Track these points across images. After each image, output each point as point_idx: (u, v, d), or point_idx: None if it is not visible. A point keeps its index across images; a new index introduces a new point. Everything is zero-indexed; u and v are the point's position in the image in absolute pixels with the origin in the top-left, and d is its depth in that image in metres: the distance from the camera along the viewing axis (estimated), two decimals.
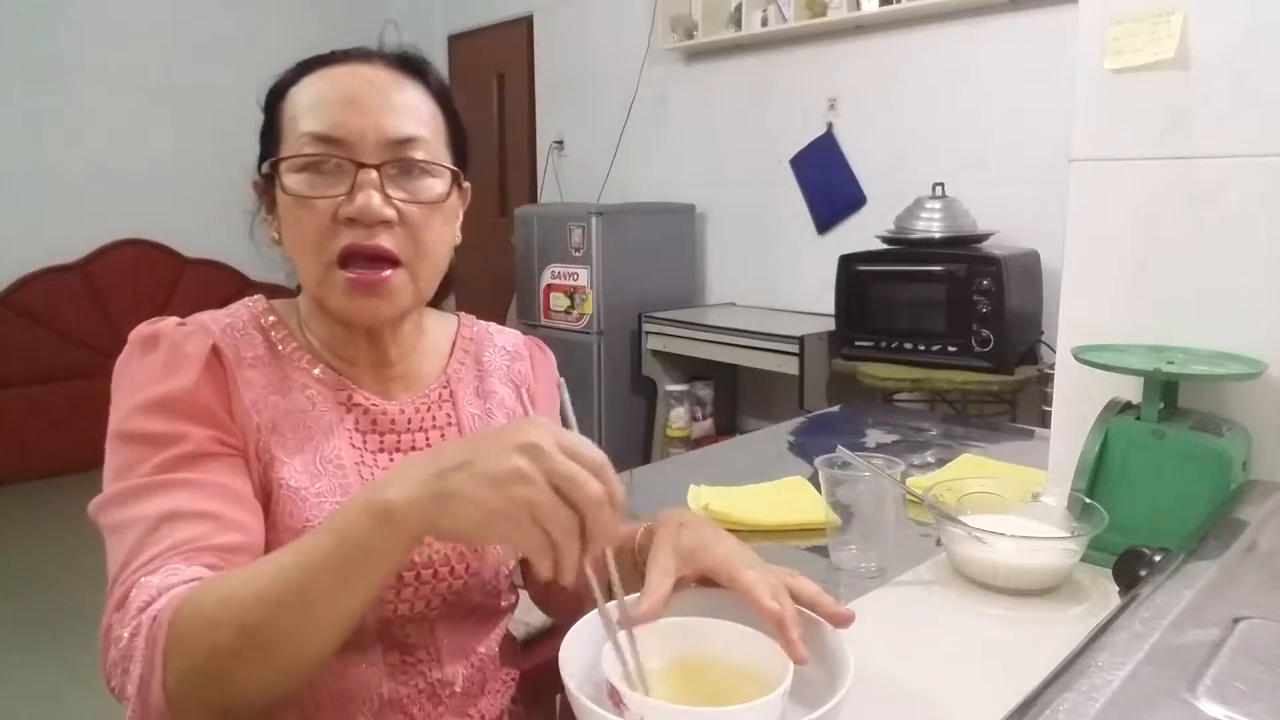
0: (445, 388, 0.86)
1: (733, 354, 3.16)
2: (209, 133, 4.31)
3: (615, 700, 0.57)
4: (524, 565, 0.90)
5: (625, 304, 3.51)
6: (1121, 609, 0.57)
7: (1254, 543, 0.68)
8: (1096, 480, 0.92)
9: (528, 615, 1.28)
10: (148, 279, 4.30)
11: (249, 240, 0.84)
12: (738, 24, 3.46)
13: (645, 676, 0.62)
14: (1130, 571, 0.75)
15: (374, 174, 0.73)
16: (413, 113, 0.77)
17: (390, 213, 0.74)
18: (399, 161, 0.75)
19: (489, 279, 4.87)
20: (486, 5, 4.79)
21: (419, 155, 0.76)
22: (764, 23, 3.36)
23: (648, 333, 3.47)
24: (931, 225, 2.70)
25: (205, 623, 0.57)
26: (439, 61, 5.13)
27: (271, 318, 0.81)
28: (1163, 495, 0.88)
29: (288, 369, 0.78)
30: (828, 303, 2.85)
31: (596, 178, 4.19)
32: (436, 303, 0.90)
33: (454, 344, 0.90)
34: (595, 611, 0.66)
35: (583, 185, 4.32)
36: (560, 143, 4.47)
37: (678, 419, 3.43)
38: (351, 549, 0.56)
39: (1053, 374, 1.12)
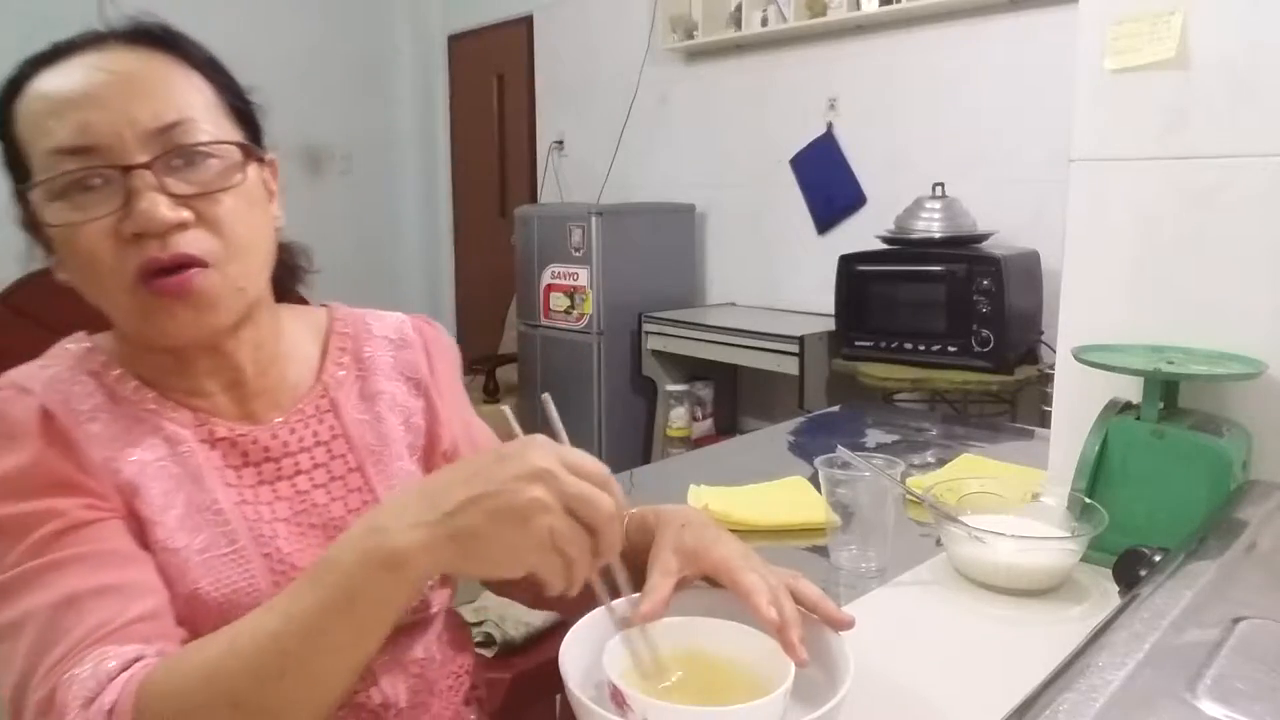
0: (324, 397, 0.76)
1: (733, 354, 3.15)
2: None
3: (617, 700, 0.57)
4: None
5: (625, 304, 3.50)
6: (1121, 609, 0.57)
7: (1254, 543, 0.68)
8: (1096, 480, 0.92)
9: (528, 615, 1.28)
10: None
11: None
12: (738, 24, 3.46)
13: (662, 666, 0.63)
14: (1130, 571, 0.76)
15: (147, 174, 0.62)
16: (170, 91, 0.65)
17: (182, 214, 0.63)
18: (171, 151, 0.63)
19: (489, 279, 4.87)
20: (486, 5, 4.79)
21: (194, 138, 0.64)
22: (764, 23, 3.36)
23: (648, 333, 3.47)
24: (931, 225, 2.70)
25: (192, 706, 0.52)
26: (439, 61, 5.15)
27: (101, 358, 0.69)
28: (1163, 495, 0.88)
29: (133, 412, 0.67)
30: (828, 303, 2.85)
31: (596, 178, 4.19)
32: (284, 295, 0.79)
33: (326, 343, 0.79)
34: (595, 612, 0.66)
35: (583, 185, 4.31)
36: (560, 143, 4.47)
37: (678, 419, 3.43)
38: (359, 604, 0.53)
39: (1053, 374, 1.12)
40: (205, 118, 0.66)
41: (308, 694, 0.54)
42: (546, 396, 0.64)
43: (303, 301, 0.85)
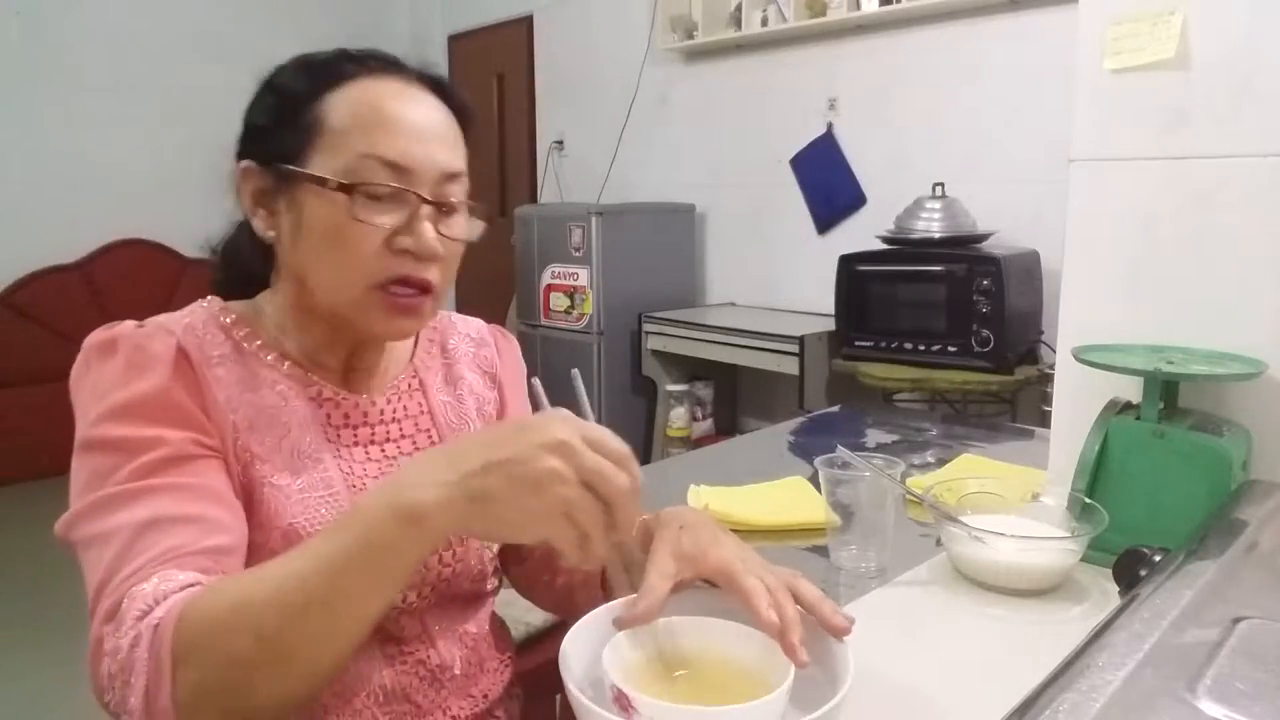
0: (414, 377, 0.86)
1: (733, 354, 3.16)
2: (209, 132, 4.29)
3: (619, 701, 0.57)
4: (503, 553, 0.90)
5: (625, 304, 3.50)
6: (1121, 609, 0.57)
7: (1254, 543, 0.68)
8: (1096, 480, 0.92)
9: (528, 615, 1.28)
10: (148, 279, 4.29)
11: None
12: (738, 24, 3.46)
13: (662, 666, 0.63)
14: (1130, 571, 0.75)
15: (433, 209, 0.74)
16: (458, 146, 0.78)
17: (443, 250, 0.75)
18: (451, 197, 0.76)
19: (489, 279, 4.86)
20: (486, 5, 4.79)
21: (461, 191, 0.77)
22: (764, 23, 3.36)
23: (648, 333, 3.47)
24: (931, 225, 2.70)
25: (220, 630, 0.56)
26: (439, 61, 5.14)
27: (230, 317, 0.79)
28: (1163, 495, 0.88)
29: (255, 365, 0.77)
30: (828, 303, 2.85)
31: (596, 178, 4.19)
32: None
33: (418, 334, 0.90)
34: (594, 612, 0.67)
35: (583, 185, 4.32)
36: (560, 143, 4.47)
37: (678, 419, 3.43)
38: (379, 552, 0.56)
39: (1053, 374, 1.12)
40: (467, 173, 0.78)
41: (325, 632, 0.57)
42: (576, 373, 0.68)
43: None
